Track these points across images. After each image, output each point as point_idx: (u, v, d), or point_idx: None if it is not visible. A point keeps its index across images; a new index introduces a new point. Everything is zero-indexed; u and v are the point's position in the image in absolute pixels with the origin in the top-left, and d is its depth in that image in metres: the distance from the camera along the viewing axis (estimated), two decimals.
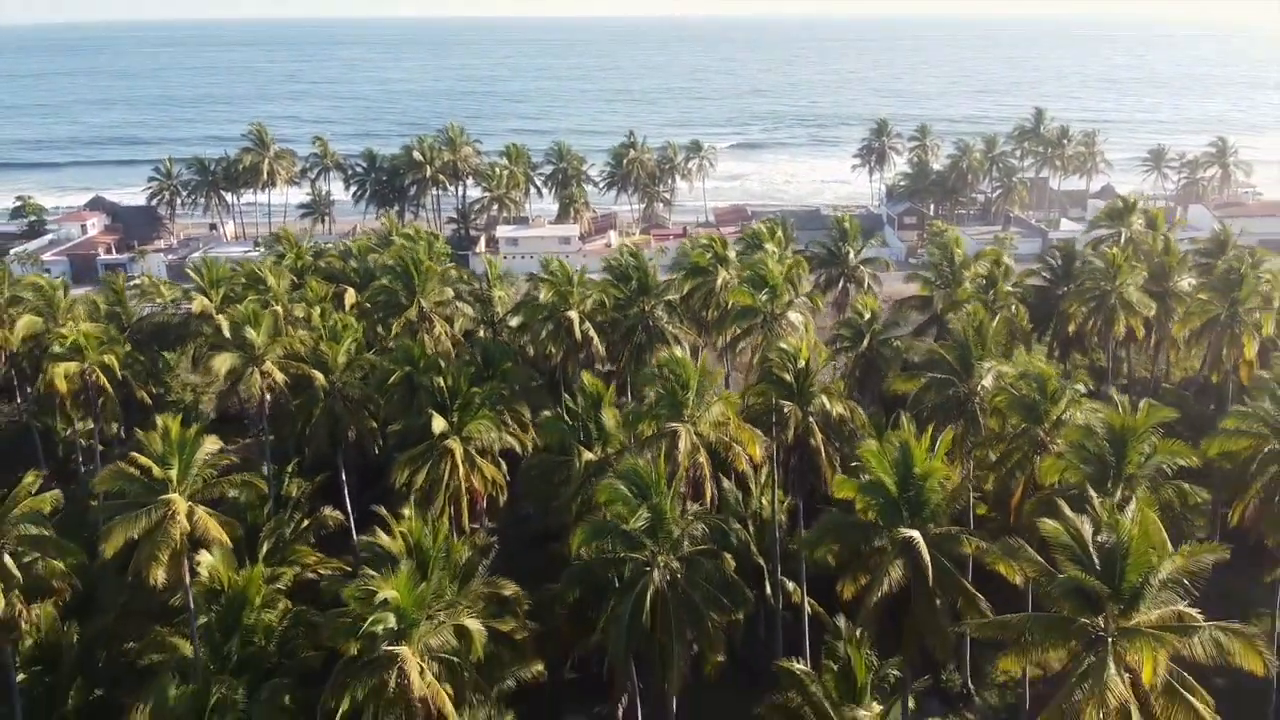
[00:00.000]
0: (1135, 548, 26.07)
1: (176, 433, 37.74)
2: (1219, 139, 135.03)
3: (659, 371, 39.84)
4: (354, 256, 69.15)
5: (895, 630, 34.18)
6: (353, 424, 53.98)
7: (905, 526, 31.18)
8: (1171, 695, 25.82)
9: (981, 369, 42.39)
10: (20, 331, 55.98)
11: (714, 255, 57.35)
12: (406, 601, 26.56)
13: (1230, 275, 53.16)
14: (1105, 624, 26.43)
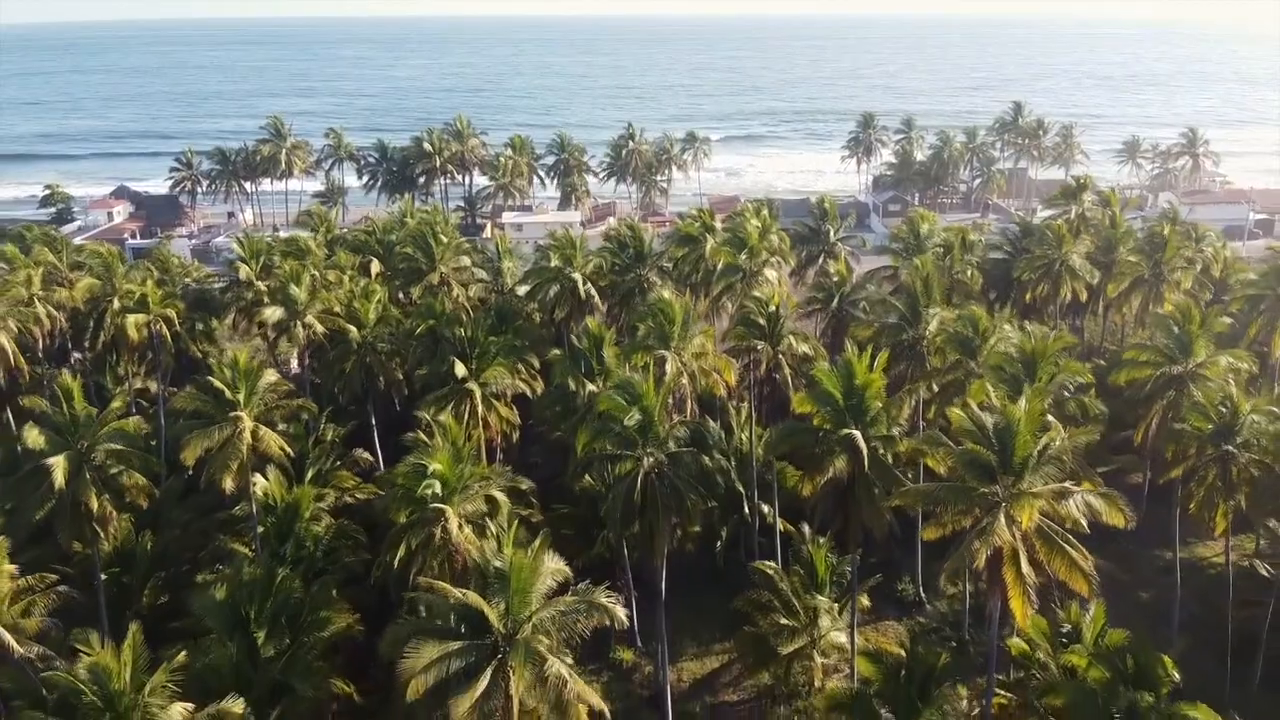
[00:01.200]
0: (1022, 430, 33.05)
1: (244, 362, 44.80)
2: (1189, 130, 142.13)
3: (650, 310, 46.92)
4: (377, 232, 76.16)
5: (844, 523, 41.28)
6: (381, 374, 61.07)
7: (848, 428, 38.16)
8: (1050, 542, 32.81)
9: (928, 315, 49.41)
10: (81, 292, 62.90)
11: (702, 225, 64.51)
12: (448, 473, 33.52)
13: (1154, 239, 60.24)
14: (999, 491, 33.40)
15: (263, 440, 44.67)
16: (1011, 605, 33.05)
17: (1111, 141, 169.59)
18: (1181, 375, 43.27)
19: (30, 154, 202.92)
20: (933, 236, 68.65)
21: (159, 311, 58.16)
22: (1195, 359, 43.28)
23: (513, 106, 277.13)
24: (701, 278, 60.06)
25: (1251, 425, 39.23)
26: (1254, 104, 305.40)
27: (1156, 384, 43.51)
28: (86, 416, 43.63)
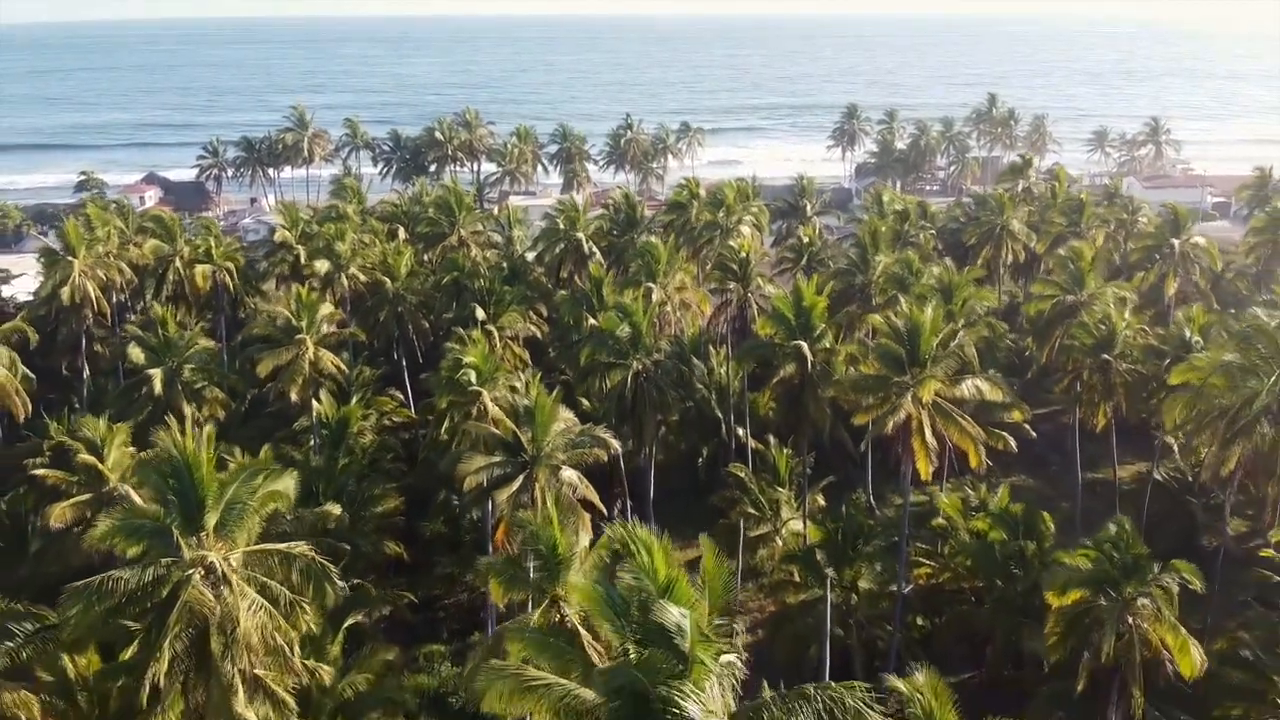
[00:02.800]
0: (926, 331, 42.56)
1: (306, 296, 54.44)
2: (1152, 119, 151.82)
3: (639, 252, 56.57)
4: (403, 204, 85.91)
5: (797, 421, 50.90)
6: (410, 322, 70.67)
7: (797, 340, 47.75)
8: (947, 416, 42.37)
9: (874, 261, 59.01)
10: (150, 250, 72.51)
11: (689, 193, 74.25)
12: (481, 364, 43.04)
13: (1073, 203, 69.94)
14: (908, 380, 42.92)
15: (321, 360, 54.30)
16: (917, 465, 42.67)
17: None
18: (1075, 304, 52.85)
19: (62, 144, 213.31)
20: (894, 204, 78.27)
21: (222, 262, 67.95)
22: (1087, 290, 52.88)
23: (518, 100, 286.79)
24: (688, 238, 69.64)
25: (1125, 339, 48.74)
26: (1239, 99, 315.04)
27: (1055, 311, 53.14)
28: (177, 338, 53.31)
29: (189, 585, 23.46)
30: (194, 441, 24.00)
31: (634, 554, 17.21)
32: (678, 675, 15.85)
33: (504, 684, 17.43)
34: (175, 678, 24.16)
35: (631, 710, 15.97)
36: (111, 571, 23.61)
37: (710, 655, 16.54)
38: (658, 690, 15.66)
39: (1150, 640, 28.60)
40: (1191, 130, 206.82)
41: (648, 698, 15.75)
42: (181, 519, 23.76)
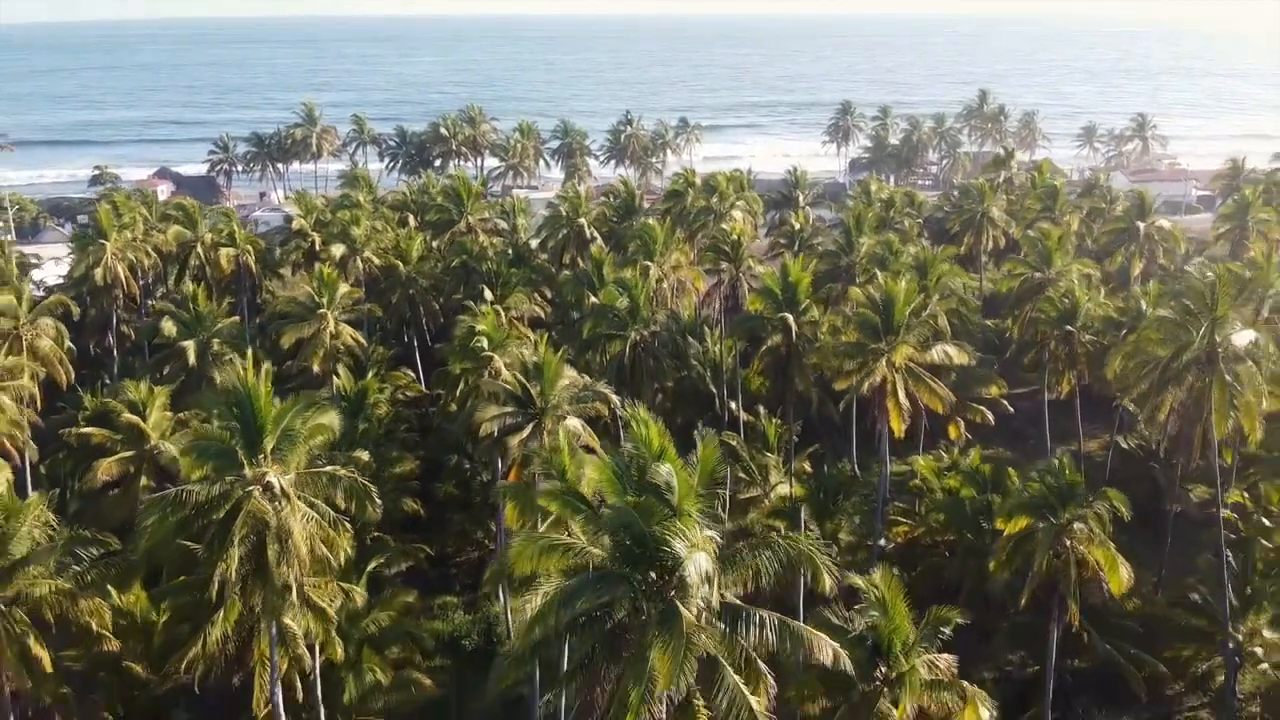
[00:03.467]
0: (900, 301, 46.51)
1: (328, 275, 58.41)
2: (1139, 115, 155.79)
3: (637, 233, 60.55)
4: (411, 193, 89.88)
5: (784, 389, 54.81)
6: (421, 304, 74.56)
7: (783, 312, 51.69)
8: (918, 378, 46.34)
9: (858, 243, 62.98)
10: (173, 237, 76.43)
11: (686, 182, 78.24)
12: (492, 332, 47.00)
13: (1049, 191, 73.93)
14: (883, 346, 46.87)
15: (341, 334, 58.27)
16: (891, 424, 46.64)
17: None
18: (1043, 280, 56.83)
19: (73, 140, 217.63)
20: (880, 193, 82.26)
21: (245, 246, 71.96)
22: (1054, 268, 56.87)
23: (520, 98, 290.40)
24: (683, 223, 73.66)
25: (1088, 312, 52.68)
26: (1235, 96, 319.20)
27: (1024, 288, 57.15)
28: (207, 312, 57.30)
29: (250, 499, 27.42)
30: (254, 378, 27.91)
31: (633, 427, 21.17)
32: (668, 519, 19.80)
33: (533, 547, 21.32)
34: (235, 582, 28.11)
35: (632, 548, 19.95)
36: (184, 486, 27.55)
37: (695, 508, 20.54)
38: (651, 530, 19.59)
39: (1085, 559, 32.51)
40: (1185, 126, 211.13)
41: (644, 538, 19.68)
42: (244, 443, 27.71)
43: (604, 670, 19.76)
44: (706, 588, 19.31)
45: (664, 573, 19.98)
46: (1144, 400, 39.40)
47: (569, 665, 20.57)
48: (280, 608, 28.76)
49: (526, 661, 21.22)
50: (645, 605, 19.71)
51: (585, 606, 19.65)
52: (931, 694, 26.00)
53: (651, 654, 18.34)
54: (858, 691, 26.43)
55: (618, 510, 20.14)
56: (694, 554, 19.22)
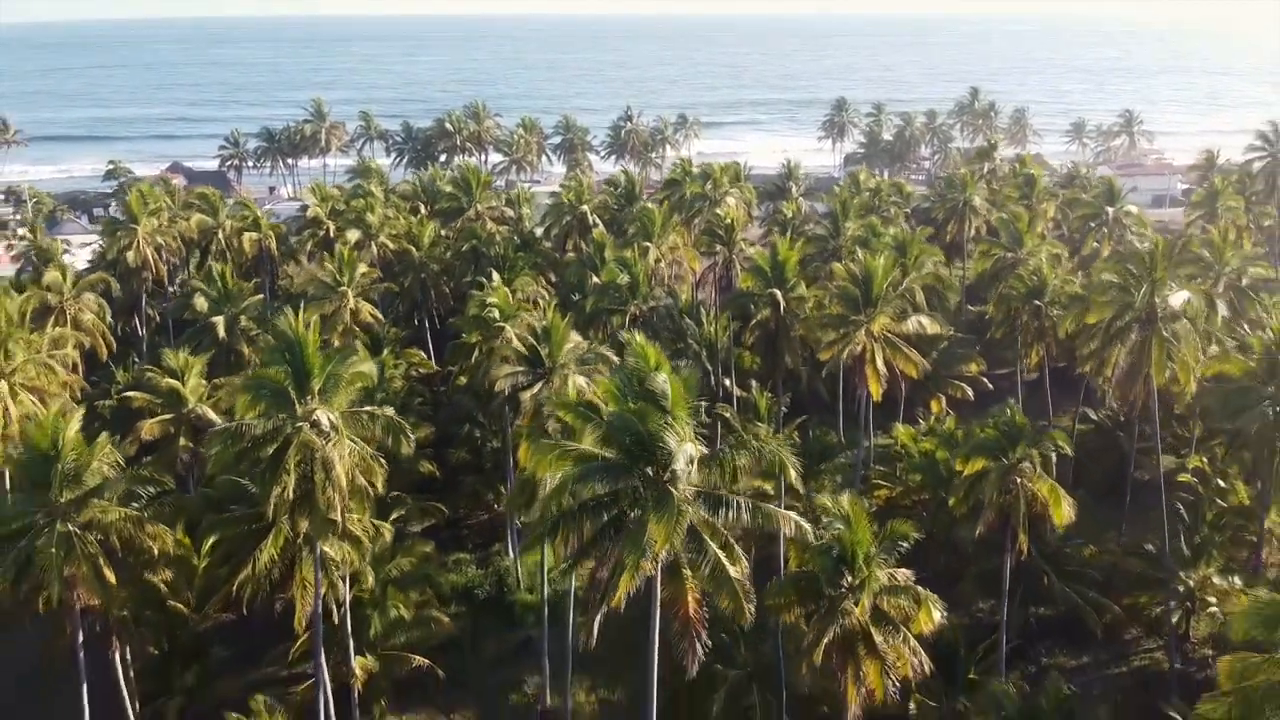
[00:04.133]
0: (878, 276, 50.62)
1: (348, 255, 62.53)
2: (1126, 111, 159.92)
3: (637, 216, 64.71)
4: (421, 182, 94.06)
5: (773, 361, 58.92)
6: (433, 287, 78.66)
7: (772, 288, 55.81)
8: (894, 346, 50.46)
9: (845, 228, 67.12)
10: (196, 224, 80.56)
11: (683, 171, 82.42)
12: (504, 304, 51.14)
13: (1027, 179, 78.10)
14: (863, 318, 50.95)
15: (360, 311, 62.41)
16: (870, 387, 50.76)
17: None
18: (1014, 260, 60.95)
19: (86, 136, 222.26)
20: (868, 183, 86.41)
21: (267, 231, 76.16)
22: (1025, 248, 61.00)
23: (523, 96, 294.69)
24: (681, 208, 77.81)
25: (1054, 288, 56.76)
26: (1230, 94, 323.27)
27: (996, 267, 61.28)
28: (235, 290, 61.45)
29: (300, 433, 31.56)
30: (303, 328, 32.05)
31: (632, 345, 25.32)
32: (662, 420, 23.93)
33: (550, 454, 25.44)
34: (284, 509, 32.26)
35: (632, 446, 24.10)
36: (243, 420, 31.70)
37: (685, 412, 24.71)
38: (648, 428, 23.70)
39: (1034, 494, 36.62)
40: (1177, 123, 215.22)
41: (643, 437, 23.81)
42: (294, 384, 31.84)
43: (610, 550, 23.88)
44: (692, 468, 23.42)
45: (660, 468, 24.11)
46: (1095, 357, 43.51)
47: (581, 545, 24.69)
48: (325, 531, 32.90)
49: (548, 534, 25.24)
50: (644, 491, 23.87)
51: (594, 493, 23.86)
52: (889, 598, 30.13)
53: (649, 524, 22.47)
54: (826, 598, 30.54)
55: (620, 414, 24.29)
56: (683, 445, 23.36)
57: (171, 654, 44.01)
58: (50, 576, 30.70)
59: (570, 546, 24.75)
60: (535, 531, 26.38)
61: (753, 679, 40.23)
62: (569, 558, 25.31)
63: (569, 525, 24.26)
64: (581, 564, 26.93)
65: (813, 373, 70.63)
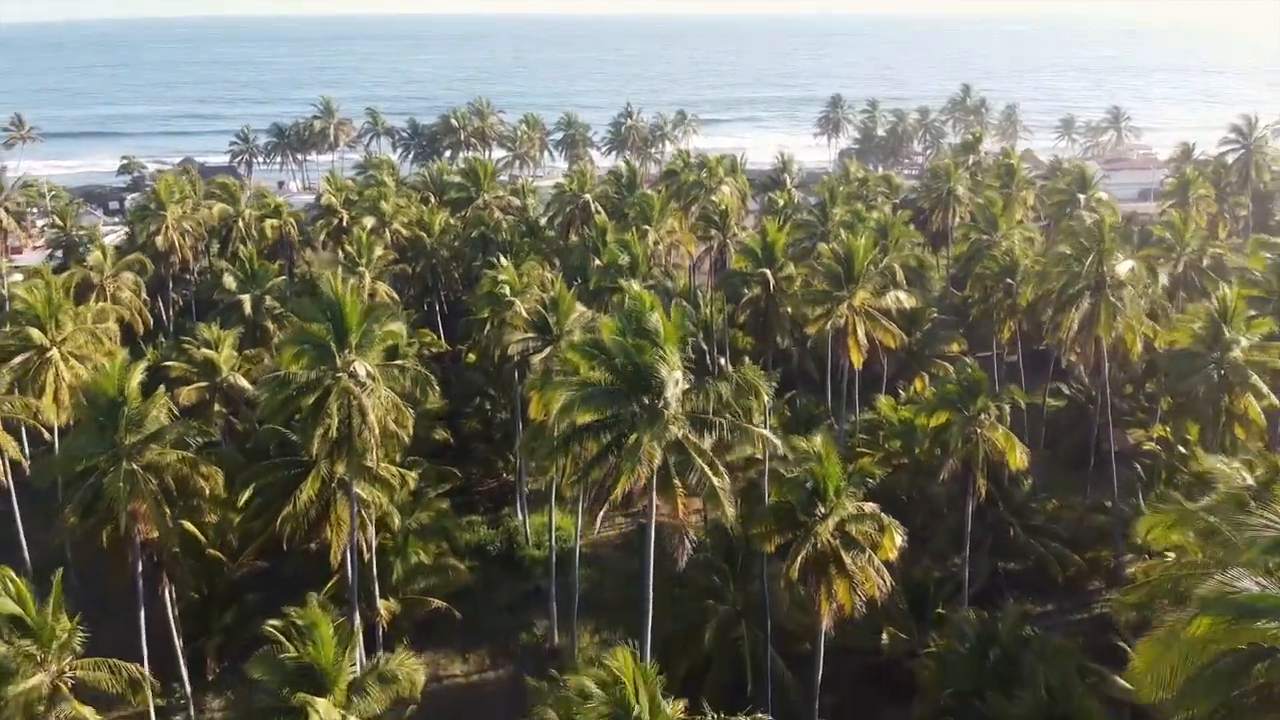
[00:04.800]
0: (860, 254, 54.79)
1: (365, 238, 66.76)
2: (1114, 108, 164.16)
3: (636, 201, 68.94)
4: (431, 173, 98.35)
5: (763, 334, 63.11)
6: (443, 272, 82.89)
7: (762, 268, 60.04)
8: (873, 319, 54.66)
9: (833, 214, 71.33)
10: (217, 213, 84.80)
11: (681, 162, 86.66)
12: (513, 281, 55.31)
13: (1007, 169, 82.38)
14: (844, 294, 55.07)
15: (377, 292, 66.61)
16: (851, 358, 54.96)
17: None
18: (989, 242, 65.17)
19: (96, 132, 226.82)
20: (857, 173, 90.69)
21: (287, 218, 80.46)
22: (999, 231, 65.23)
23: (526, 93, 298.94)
24: (679, 196, 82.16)
25: (1025, 268, 60.91)
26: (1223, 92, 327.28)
27: (973, 248, 65.47)
28: (261, 271, 65.69)
29: (340, 382, 35.78)
30: (342, 289, 36.28)
31: (628, 291, 29.54)
32: (656, 353, 28.16)
33: (560, 388, 29.68)
34: (324, 451, 36.49)
35: (631, 375, 28.32)
36: (289, 370, 35.92)
37: (675, 347, 28.94)
38: (643, 359, 27.92)
39: (992, 443, 40.81)
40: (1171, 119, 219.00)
41: (639, 367, 28.02)
42: (335, 338, 36.04)
43: (612, 466, 28.13)
44: (678, 390, 27.68)
45: (655, 395, 28.32)
46: (1052, 322, 47.73)
47: (587, 463, 28.93)
48: (359, 472, 37.13)
49: (557, 450, 29.48)
50: (640, 415, 28.12)
51: (596, 417, 28.14)
52: (856, 524, 34.34)
53: (644, 438, 26.70)
54: (801, 525, 34.75)
55: (621, 344, 28.52)
56: (673, 373, 27.58)
57: (211, 598, 48.21)
58: (118, 507, 34.85)
59: (579, 462, 28.95)
60: (547, 448, 30.54)
61: (741, 615, 44.29)
62: (579, 472, 29.52)
63: (576, 442, 28.47)
64: (588, 527, 31.14)
65: (803, 352, 74.87)
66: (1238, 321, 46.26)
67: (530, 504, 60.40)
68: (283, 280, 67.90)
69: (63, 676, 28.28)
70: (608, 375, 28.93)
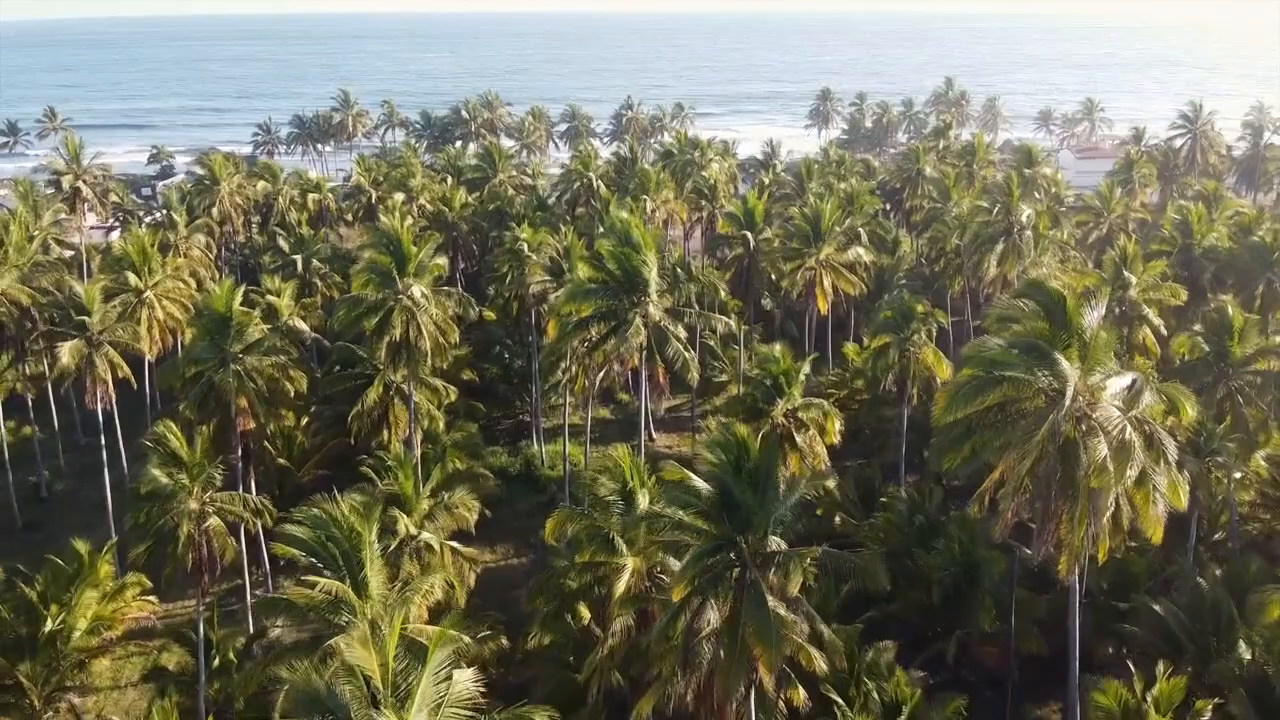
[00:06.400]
0: (827, 216, 64.46)
1: (401, 209, 76.46)
2: (1087, 100, 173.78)
3: (634, 175, 78.77)
4: (448, 157, 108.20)
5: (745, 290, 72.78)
6: (463, 244, 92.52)
7: (744, 230, 69.71)
8: (837, 272, 64.34)
9: (809, 186, 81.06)
10: (261, 190, 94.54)
11: (677, 144, 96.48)
12: (530, 237, 65.03)
13: (968, 148, 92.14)
14: (813, 250, 64.78)
15: None
16: (819, 305, 64.66)
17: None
18: (941, 210, 74.93)
19: (123, 124, 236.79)
20: (834, 155, 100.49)
21: (325, 193, 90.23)
22: (951, 200, 75.04)
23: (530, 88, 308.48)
24: (674, 172, 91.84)
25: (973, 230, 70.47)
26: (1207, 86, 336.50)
27: (927, 216, 75.33)
28: (309, 237, 75.49)
29: (400, 301, 45.55)
30: (400, 226, 46.07)
31: (614, 212, 39.37)
32: (640, 259, 38.04)
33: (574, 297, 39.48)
34: (388, 357, 46.27)
35: (620, 275, 38.15)
36: (360, 292, 45.69)
37: (653, 254, 38.84)
38: (630, 263, 37.72)
39: (923, 360, 50.54)
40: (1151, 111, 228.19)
41: (628, 270, 37.81)
42: (396, 266, 45.79)
43: (610, 349, 37.95)
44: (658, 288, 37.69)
45: (640, 294, 38.20)
46: (972, 264, 57.46)
47: (592, 343, 38.87)
48: (416, 375, 46.93)
49: (569, 335, 39.30)
50: (630, 310, 38.04)
51: (597, 308, 37.99)
52: (805, 411, 44.08)
53: (632, 323, 36.52)
54: (765, 417, 44.49)
55: (613, 254, 38.42)
56: (652, 273, 37.47)
57: (281, 497, 58.06)
58: (229, 398, 44.62)
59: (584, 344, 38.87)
60: (560, 332, 40.31)
61: None
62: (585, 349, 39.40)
63: (582, 330, 38.31)
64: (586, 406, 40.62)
65: (785, 314, 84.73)
66: (1136, 265, 56.01)
67: (545, 438, 70.18)
68: (328, 244, 77.63)
69: (207, 502, 38.00)
70: (604, 276, 38.77)
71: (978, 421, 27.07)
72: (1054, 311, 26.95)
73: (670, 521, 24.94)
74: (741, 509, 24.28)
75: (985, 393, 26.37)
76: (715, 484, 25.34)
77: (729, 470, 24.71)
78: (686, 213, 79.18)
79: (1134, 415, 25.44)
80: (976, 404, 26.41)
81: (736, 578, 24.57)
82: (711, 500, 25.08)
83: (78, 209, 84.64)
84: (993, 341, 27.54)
